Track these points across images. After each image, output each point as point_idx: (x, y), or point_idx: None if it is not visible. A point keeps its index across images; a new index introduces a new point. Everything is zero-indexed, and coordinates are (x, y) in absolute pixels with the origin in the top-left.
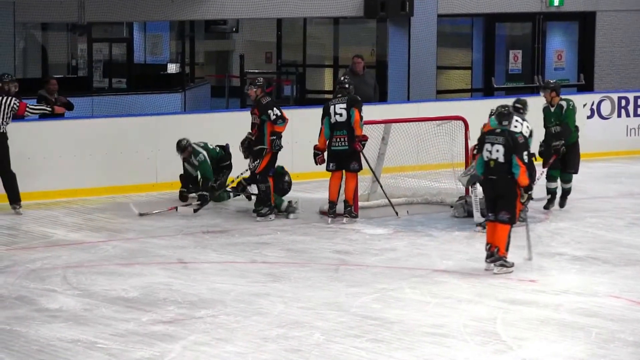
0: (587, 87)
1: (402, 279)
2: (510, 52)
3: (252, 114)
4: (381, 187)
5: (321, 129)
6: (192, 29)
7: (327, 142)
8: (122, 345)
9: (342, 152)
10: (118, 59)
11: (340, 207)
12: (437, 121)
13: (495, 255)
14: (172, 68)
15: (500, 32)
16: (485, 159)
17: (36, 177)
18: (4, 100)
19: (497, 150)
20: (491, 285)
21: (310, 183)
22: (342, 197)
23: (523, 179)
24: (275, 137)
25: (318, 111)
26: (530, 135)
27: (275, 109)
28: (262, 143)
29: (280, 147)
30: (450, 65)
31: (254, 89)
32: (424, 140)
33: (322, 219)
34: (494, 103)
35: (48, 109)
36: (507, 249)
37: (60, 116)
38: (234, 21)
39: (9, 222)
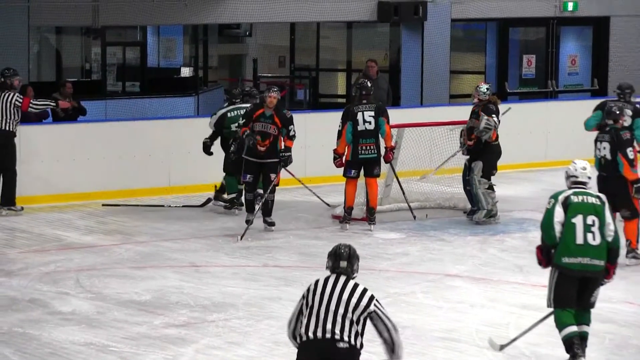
0: (601, 92)
1: (414, 283)
2: (524, 57)
3: (256, 121)
4: (402, 191)
5: (341, 133)
6: (206, 32)
7: (352, 148)
8: (135, 348)
9: (369, 159)
10: (132, 62)
11: (356, 211)
12: (450, 126)
13: (628, 248)
14: (186, 72)
15: (514, 37)
16: (598, 156)
17: (49, 179)
18: (4, 97)
19: (604, 148)
20: (504, 290)
21: (322, 187)
22: (357, 201)
23: (628, 174)
24: (290, 154)
25: (331, 115)
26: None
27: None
28: (275, 155)
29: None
30: (464, 70)
31: (278, 96)
32: (437, 144)
33: (334, 223)
34: (507, 108)
35: (52, 103)
36: (638, 241)
37: (72, 118)
38: (247, 25)
39: (22, 225)
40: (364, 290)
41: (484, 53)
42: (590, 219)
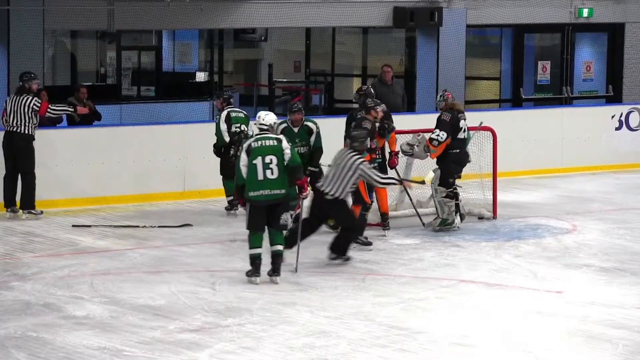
0: (615, 98)
1: (429, 289)
2: (538, 63)
3: (373, 139)
4: (410, 197)
5: (346, 137)
6: (221, 37)
7: None
8: (149, 353)
9: (376, 165)
10: (147, 67)
11: (372, 217)
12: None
13: None
14: (201, 76)
15: (529, 43)
16: None
17: (64, 184)
18: (23, 100)
19: None
20: (518, 296)
21: None
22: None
23: None
24: None
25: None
26: None
27: None
28: None
29: None
30: (479, 76)
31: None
32: None
33: None
34: (522, 114)
35: (70, 109)
36: None
37: (87, 122)
38: (263, 30)
39: (37, 230)
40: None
41: (499, 59)
42: (269, 158)
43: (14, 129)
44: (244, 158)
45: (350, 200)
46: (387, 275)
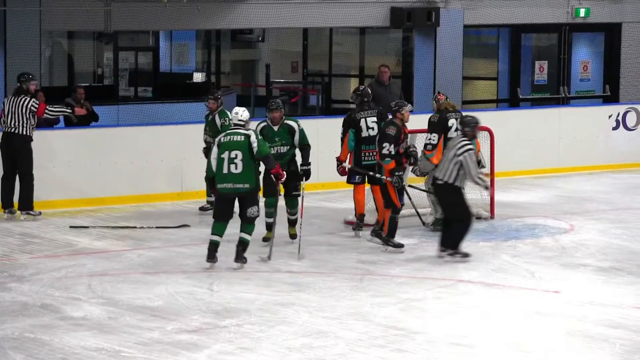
0: (612, 98)
1: (426, 289)
2: (536, 63)
3: (400, 144)
4: (409, 197)
5: (344, 140)
6: (219, 38)
7: (354, 155)
8: (147, 354)
9: (373, 166)
10: (144, 67)
11: (370, 218)
12: None
13: None
14: (198, 77)
15: (526, 43)
16: None
17: (61, 185)
18: (20, 101)
19: None
20: (516, 296)
21: (334, 193)
22: (370, 206)
23: None
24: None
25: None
26: None
27: None
28: None
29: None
30: (476, 76)
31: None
32: None
33: (347, 229)
34: (519, 114)
35: (68, 110)
36: None
37: (85, 123)
38: (260, 30)
39: (34, 231)
40: None
41: (496, 59)
42: (234, 153)
43: (12, 130)
44: (214, 151)
45: (465, 193)
46: (385, 276)
